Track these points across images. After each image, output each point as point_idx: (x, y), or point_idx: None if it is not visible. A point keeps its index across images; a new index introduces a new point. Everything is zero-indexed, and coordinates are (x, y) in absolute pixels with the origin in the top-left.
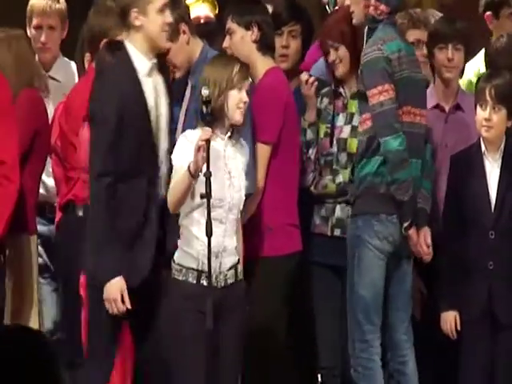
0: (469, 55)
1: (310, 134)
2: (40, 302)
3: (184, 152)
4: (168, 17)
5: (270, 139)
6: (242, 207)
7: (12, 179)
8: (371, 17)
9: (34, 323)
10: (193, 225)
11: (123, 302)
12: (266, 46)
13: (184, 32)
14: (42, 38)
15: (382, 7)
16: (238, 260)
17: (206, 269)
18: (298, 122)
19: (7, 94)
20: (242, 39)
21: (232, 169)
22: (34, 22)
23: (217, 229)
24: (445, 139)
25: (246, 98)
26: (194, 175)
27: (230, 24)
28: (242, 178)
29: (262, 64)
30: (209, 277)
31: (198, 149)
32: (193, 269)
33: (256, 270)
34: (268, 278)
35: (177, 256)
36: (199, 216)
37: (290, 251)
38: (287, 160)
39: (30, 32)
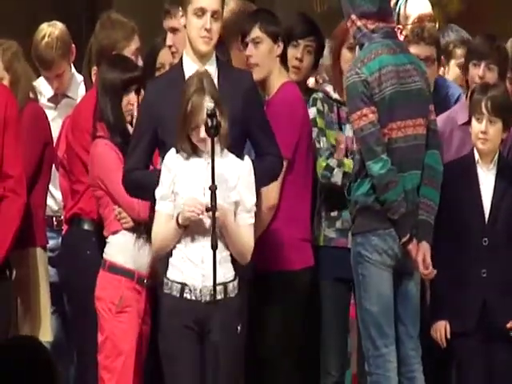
0: (504, 75)
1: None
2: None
3: (165, 187)
4: (206, 22)
5: (287, 154)
6: (231, 219)
7: (19, 193)
8: (358, 31)
9: (46, 335)
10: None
11: None
12: (284, 60)
13: None
14: (55, 86)
15: (361, 20)
16: (232, 278)
17: (188, 282)
18: (311, 136)
19: (15, 109)
20: (269, 52)
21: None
22: (43, 72)
23: (196, 240)
24: None
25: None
26: (181, 226)
27: (258, 33)
28: (229, 192)
29: (278, 78)
30: (214, 289)
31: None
32: (176, 282)
33: (268, 283)
34: (280, 293)
35: (168, 270)
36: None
37: (303, 266)
38: (302, 175)
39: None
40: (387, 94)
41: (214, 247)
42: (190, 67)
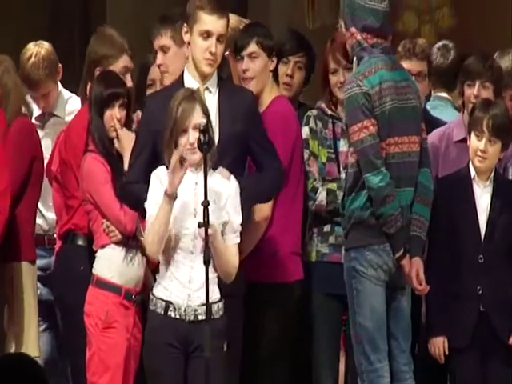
0: (499, 93)
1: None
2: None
3: (157, 195)
4: (212, 45)
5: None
6: (220, 238)
7: (0, 209)
8: (357, 45)
9: (33, 350)
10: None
11: None
12: (275, 75)
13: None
14: (42, 105)
15: (361, 34)
16: (218, 299)
17: (173, 300)
18: (302, 150)
19: (1, 124)
20: (265, 67)
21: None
22: (29, 92)
23: (184, 259)
24: None
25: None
26: (171, 197)
27: (255, 48)
28: (219, 211)
29: (270, 92)
30: (207, 307)
31: (172, 170)
32: (161, 299)
33: (258, 295)
34: (269, 305)
35: (154, 287)
36: (172, 251)
37: (293, 279)
38: (294, 188)
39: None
40: (387, 108)
41: (207, 263)
42: (191, 84)
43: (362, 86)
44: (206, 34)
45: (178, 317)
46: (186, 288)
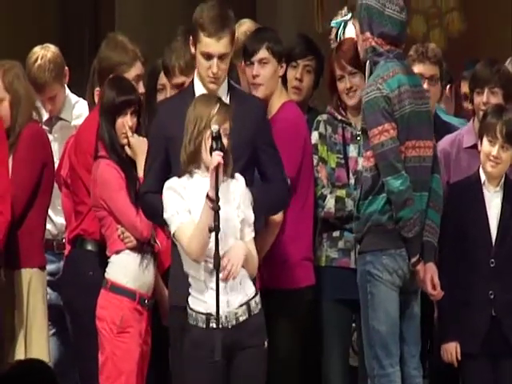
0: (509, 97)
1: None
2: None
3: (177, 203)
4: (213, 65)
5: (290, 172)
6: (238, 236)
7: (2, 211)
8: (371, 49)
9: (43, 356)
10: (197, 270)
11: None
12: (284, 80)
13: None
14: (48, 108)
15: (376, 39)
16: (254, 293)
17: (213, 311)
18: (312, 155)
19: (1, 130)
20: (275, 72)
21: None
22: (38, 95)
23: (210, 264)
24: None
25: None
26: (213, 200)
27: (266, 53)
28: (233, 209)
29: (279, 98)
30: (217, 311)
31: (213, 172)
32: (201, 313)
33: (269, 301)
34: (281, 310)
35: (189, 300)
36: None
37: (305, 285)
38: (305, 194)
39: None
40: (406, 112)
41: (217, 267)
42: (201, 90)
43: (382, 90)
44: (207, 56)
45: (220, 326)
46: (223, 295)
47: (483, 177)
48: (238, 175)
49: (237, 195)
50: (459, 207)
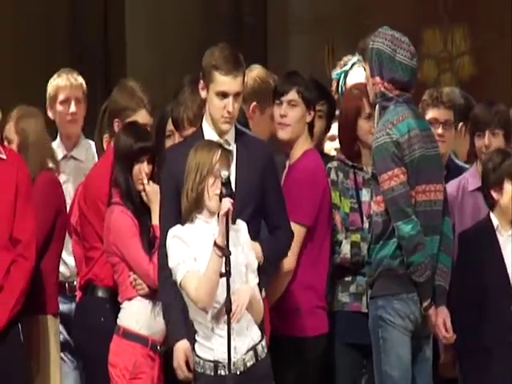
0: (509, 136)
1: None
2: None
3: (182, 251)
4: (229, 104)
5: (307, 222)
6: (244, 280)
7: (27, 257)
8: (381, 94)
9: None
10: (204, 316)
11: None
12: (311, 128)
13: None
14: (72, 109)
15: (386, 85)
16: (260, 338)
17: (220, 358)
18: (331, 204)
19: (26, 177)
20: (302, 117)
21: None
22: (62, 96)
23: (223, 318)
24: None
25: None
26: (222, 248)
27: (295, 96)
28: (239, 254)
29: (302, 144)
30: (228, 357)
31: (222, 219)
32: (209, 360)
33: (282, 348)
34: (294, 358)
35: (196, 347)
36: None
37: (318, 333)
38: (320, 243)
39: (56, 110)
40: (416, 156)
41: (228, 311)
42: (210, 135)
43: (392, 135)
44: (222, 95)
45: (228, 373)
46: (231, 342)
47: (495, 221)
48: (239, 220)
49: (241, 240)
50: (475, 255)
